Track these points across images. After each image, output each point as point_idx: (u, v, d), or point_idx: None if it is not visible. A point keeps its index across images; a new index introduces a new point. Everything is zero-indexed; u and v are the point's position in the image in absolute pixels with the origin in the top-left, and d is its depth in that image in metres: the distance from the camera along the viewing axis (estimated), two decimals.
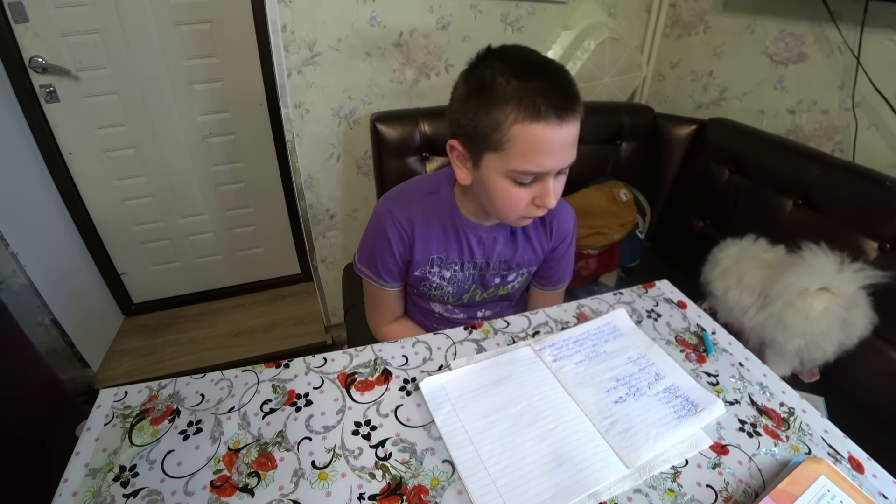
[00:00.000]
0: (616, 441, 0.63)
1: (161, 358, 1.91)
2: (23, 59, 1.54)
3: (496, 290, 0.95)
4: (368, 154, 1.66)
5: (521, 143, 0.66)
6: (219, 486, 0.57)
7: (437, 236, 0.86)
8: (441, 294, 0.93)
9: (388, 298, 0.96)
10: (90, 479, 0.58)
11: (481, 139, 0.69)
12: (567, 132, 0.67)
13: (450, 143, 0.76)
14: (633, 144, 1.57)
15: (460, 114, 0.72)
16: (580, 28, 1.62)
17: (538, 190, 0.72)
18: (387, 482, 0.58)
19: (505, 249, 0.89)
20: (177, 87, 1.74)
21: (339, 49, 1.47)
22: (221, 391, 0.70)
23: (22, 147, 1.60)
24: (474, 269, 0.90)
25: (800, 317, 0.97)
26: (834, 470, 0.58)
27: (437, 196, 0.86)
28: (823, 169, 1.17)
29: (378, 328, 1.00)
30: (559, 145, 0.67)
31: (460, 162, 0.77)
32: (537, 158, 0.67)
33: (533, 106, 0.64)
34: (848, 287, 0.96)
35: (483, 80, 0.67)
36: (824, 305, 0.96)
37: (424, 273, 0.89)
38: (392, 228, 0.84)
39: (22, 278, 1.52)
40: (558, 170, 0.71)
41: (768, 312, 1.04)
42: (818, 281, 0.97)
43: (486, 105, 0.67)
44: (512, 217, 0.77)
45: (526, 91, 0.64)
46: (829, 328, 0.96)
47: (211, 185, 1.98)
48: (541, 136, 0.65)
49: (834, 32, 1.21)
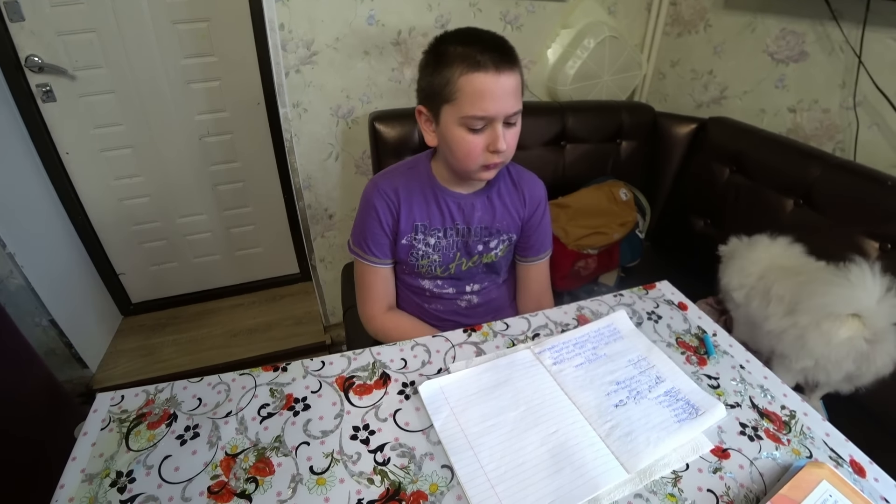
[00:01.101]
0: (616, 445, 0.63)
1: (160, 358, 1.90)
2: (19, 58, 1.53)
3: (480, 258, 0.99)
4: (367, 153, 1.65)
5: (467, 91, 0.77)
6: (216, 492, 0.57)
7: (419, 204, 0.93)
8: (428, 264, 0.97)
9: (378, 279, 0.99)
10: (87, 485, 0.57)
11: (437, 95, 0.81)
12: (505, 81, 0.78)
13: (417, 108, 0.88)
14: (632, 143, 1.56)
15: (422, 81, 0.85)
16: (580, 26, 1.61)
17: (489, 136, 0.81)
18: (385, 487, 0.58)
19: (484, 216, 0.96)
20: (174, 87, 1.73)
21: (337, 48, 1.46)
22: (219, 395, 0.69)
23: (19, 147, 1.59)
24: (457, 235, 0.96)
25: (822, 339, 0.90)
26: (836, 475, 0.58)
27: (416, 170, 0.96)
28: (824, 168, 1.17)
29: (373, 318, 1.00)
30: (500, 92, 0.78)
31: (427, 125, 0.88)
32: (482, 103, 0.78)
33: (474, 60, 0.77)
34: (882, 320, 0.87)
35: (437, 51, 0.82)
36: (850, 334, 0.88)
37: (410, 241, 0.95)
38: (379, 200, 0.92)
39: (19, 279, 1.51)
40: (504, 115, 0.80)
41: (792, 321, 0.96)
42: (853, 307, 0.89)
43: (438, 67, 0.80)
44: (473, 166, 0.84)
45: (469, 51, 0.77)
46: (845, 359, 0.90)
47: (209, 184, 1.97)
48: (483, 84, 0.77)
49: (835, 31, 1.20)
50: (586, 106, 1.58)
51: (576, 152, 1.52)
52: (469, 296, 1.04)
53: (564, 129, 1.49)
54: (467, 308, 1.05)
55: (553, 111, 1.49)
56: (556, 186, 1.49)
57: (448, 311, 1.04)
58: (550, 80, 1.66)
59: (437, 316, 1.03)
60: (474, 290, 1.03)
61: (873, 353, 0.89)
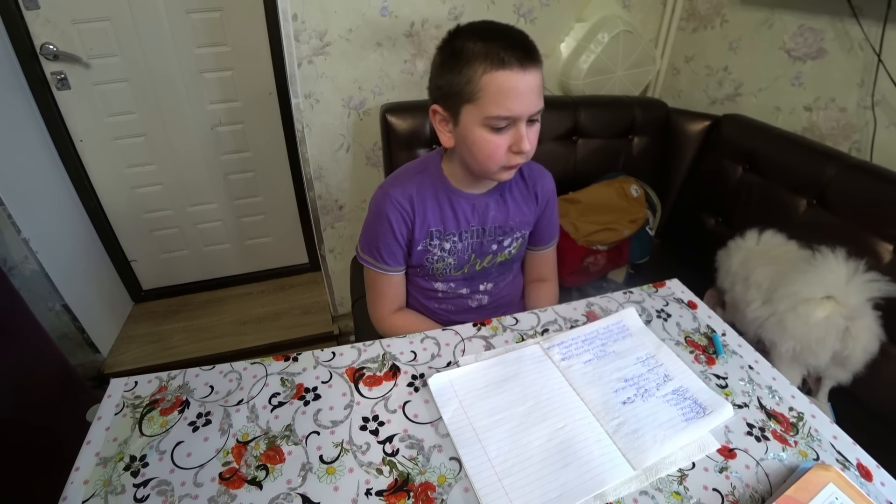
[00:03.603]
0: (623, 442, 0.63)
1: (170, 345, 1.93)
2: (34, 46, 1.55)
3: (494, 258, 0.98)
4: (378, 145, 1.65)
5: (491, 90, 0.74)
6: (227, 479, 0.58)
7: (432, 209, 0.91)
8: (443, 266, 0.96)
9: (390, 285, 0.97)
10: (101, 468, 0.59)
11: (457, 94, 0.78)
12: (530, 78, 0.76)
13: (432, 108, 0.84)
14: (645, 139, 1.55)
15: (438, 79, 0.81)
16: (594, 20, 1.59)
17: (513, 136, 0.78)
18: (394, 478, 0.58)
19: (498, 214, 0.94)
20: (187, 76, 1.74)
21: (349, 39, 1.46)
22: (230, 383, 0.70)
23: (33, 134, 1.61)
24: (472, 237, 0.94)
25: (800, 321, 0.97)
26: (842, 478, 0.58)
27: (427, 173, 0.92)
28: (839, 168, 1.15)
29: (383, 319, 1.00)
30: (525, 90, 0.75)
31: (442, 126, 0.84)
32: (507, 102, 0.75)
33: (497, 57, 0.73)
34: (854, 298, 0.94)
35: (454, 47, 0.78)
36: (826, 314, 0.95)
37: (426, 246, 0.93)
38: (393, 211, 0.88)
39: (34, 264, 1.54)
40: (528, 115, 0.78)
41: (771, 310, 1.04)
42: (824, 290, 0.96)
43: (458, 64, 0.76)
44: (493, 167, 0.82)
45: (491, 48, 0.74)
46: (826, 336, 0.95)
47: (220, 173, 1.98)
48: (507, 82, 0.74)
49: (855, 28, 1.18)
50: (599, 101, 1.57)
51: (587, 147, 1.51)
52: (481, 295, 1.03)
53: (576, 123, 1.48)
54: (478, 308, 1.05)
55: (565, 105, 1.48)
56: (567, 181, 1.49)
57: (458, 310, 1.04)
58: (563, 74, 1.65)
59: (446, 317, 1.03)
60: (487, 290, 1.03)
61: (855, 330, 0.94)
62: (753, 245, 1.17)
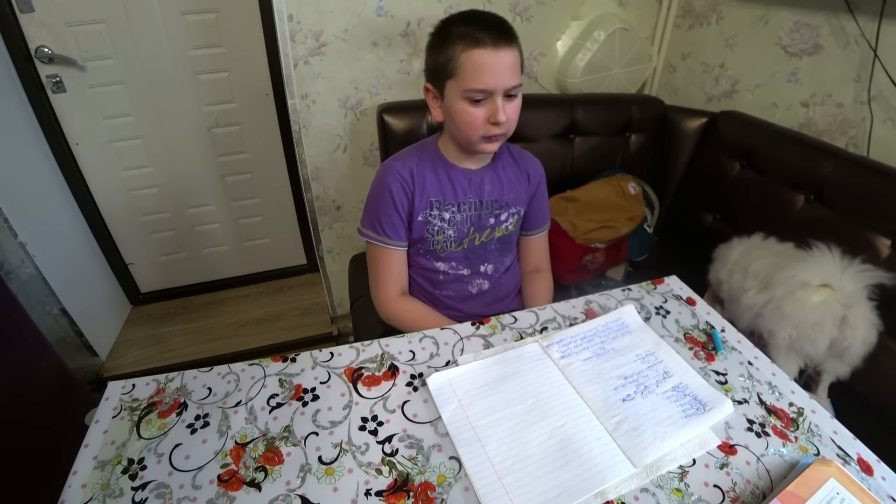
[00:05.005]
0: (623, 439, 0.63)
1: (168, 347, 1.93)
2: (29, 49, 1.54)
3: (492, 232, 1.03)
4: (375, 145, 1.65)
5: (468, 66, 0.84)
6: (226, 481, 0.58)
7: (431, 181, 0.97)
8: (444, 239, 1.00)
9: (392, 262, 1.00)
10: (99, 472, 0.58)
11: (442, 71, 0.87)
12: (504, 56, 0.84)
13: (425, 85, 0.94)
14: (642, 137, 1.55)
15: (428, 59, 0.92)
16: (590, 18, 1.59)
17: (490, 109, 0.86)
18: (393, 478, 0.58)
19: (493, 189, 1.01)
20: (183, 78, 1.74)
21: (345, 39, 1.46)
22: (228, 385, 0.70)
23: (29, 138, 1.60)
24: (470, 209, 1.00)
25: (797, 304, 0.98)
26: (843, 472, 0.58)
27: (425, 150, 1.01)
28: (837, 164, 1.15)
29: (387, 301, 1.01)
30: (499, 66, 0.84)
31: (434, 102, 0.94)
32: (482, 77, 0.83)
33: (474, 37, 0.83)
34: (850, 285, 0.96)
35: (441, 31, 0.88)
36: (822, 298, 0.97)
37: (426, 217, 0.98)
38: (394, 181, 0.95)
39: (31, 268, 1.53)
40: (503, 89, 0.85)
41: (768, 296, 1.05)
42: (820, 278, 0.98)
43: (443, 45, 0.86)
44: (475, 137, 0.90)
45: (470, 30, 0.84)
46: (822, 321, 0.96)
47: (217, 175, 1.97)
48: (482, 59, 0.83)
49: (851, 24, 1.18)
50: (596, 99, 1.57)
51: (585, 145, 1.51)
52: (481, 280, 1.06)
53: (573, 121, 1.48)
54: (478, 294, 1.06)
55: (562, 104, 1.48)
56: (565, 179, 1.49)
57: (458, 296, 1.06)
58: (560, 72, 1.65)
59: (446, 304, 1.05)
60: (487, 273, 1.06)
61: (852, 317, 0.95)
62: (759, 241, 1.18)
